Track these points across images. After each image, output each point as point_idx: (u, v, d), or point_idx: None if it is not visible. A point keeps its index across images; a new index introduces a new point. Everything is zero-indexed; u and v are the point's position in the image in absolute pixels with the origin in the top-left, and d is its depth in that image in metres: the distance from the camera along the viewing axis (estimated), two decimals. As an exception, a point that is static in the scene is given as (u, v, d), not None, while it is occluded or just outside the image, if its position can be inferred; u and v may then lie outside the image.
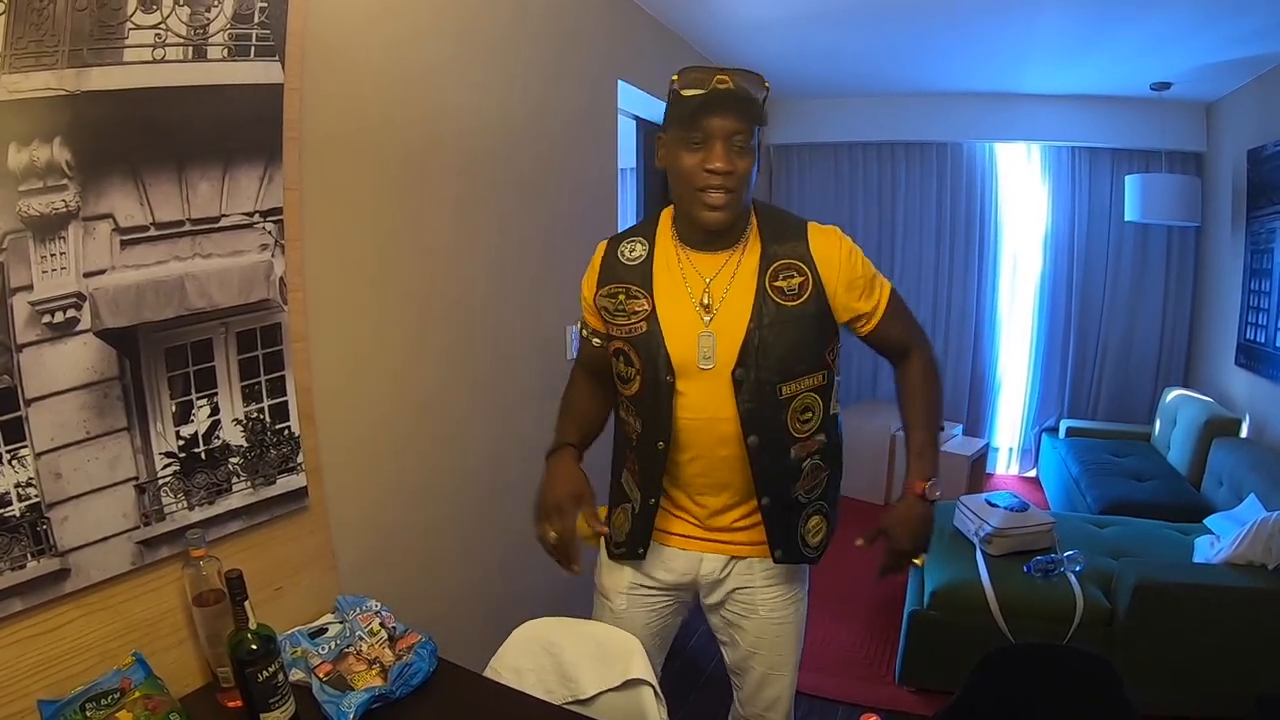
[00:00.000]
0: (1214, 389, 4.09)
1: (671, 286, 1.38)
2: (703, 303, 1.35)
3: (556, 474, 1.41)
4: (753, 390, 1.33)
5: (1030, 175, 4.76)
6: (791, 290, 1.34)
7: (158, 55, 1.18)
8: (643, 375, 1.38)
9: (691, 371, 1.35)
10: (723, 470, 1.40)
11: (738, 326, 1.33)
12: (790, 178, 5.16)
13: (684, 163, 1.28)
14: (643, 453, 1.44)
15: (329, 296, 1.57)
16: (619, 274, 1.41)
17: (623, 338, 1.40)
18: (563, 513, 1.35)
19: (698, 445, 1.39)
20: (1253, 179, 3.63)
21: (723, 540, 1.48)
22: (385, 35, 1.66)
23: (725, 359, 1.34)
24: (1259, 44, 3.16)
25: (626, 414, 1.47)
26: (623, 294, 1.40)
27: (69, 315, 1.12)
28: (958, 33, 3.34)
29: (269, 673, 1.15)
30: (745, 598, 1.51)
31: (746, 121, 1.27)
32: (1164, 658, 2.34)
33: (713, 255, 1.37)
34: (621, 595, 1.54)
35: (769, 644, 1.54)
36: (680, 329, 1.35)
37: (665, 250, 1.41)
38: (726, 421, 1.36)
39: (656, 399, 1.37)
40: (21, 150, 1.04)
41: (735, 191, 1.28)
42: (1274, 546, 2.31)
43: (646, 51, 3.07)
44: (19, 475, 1.07)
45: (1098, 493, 3.47)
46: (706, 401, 1.36)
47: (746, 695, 1.61)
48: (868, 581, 3.42)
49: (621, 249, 1.43)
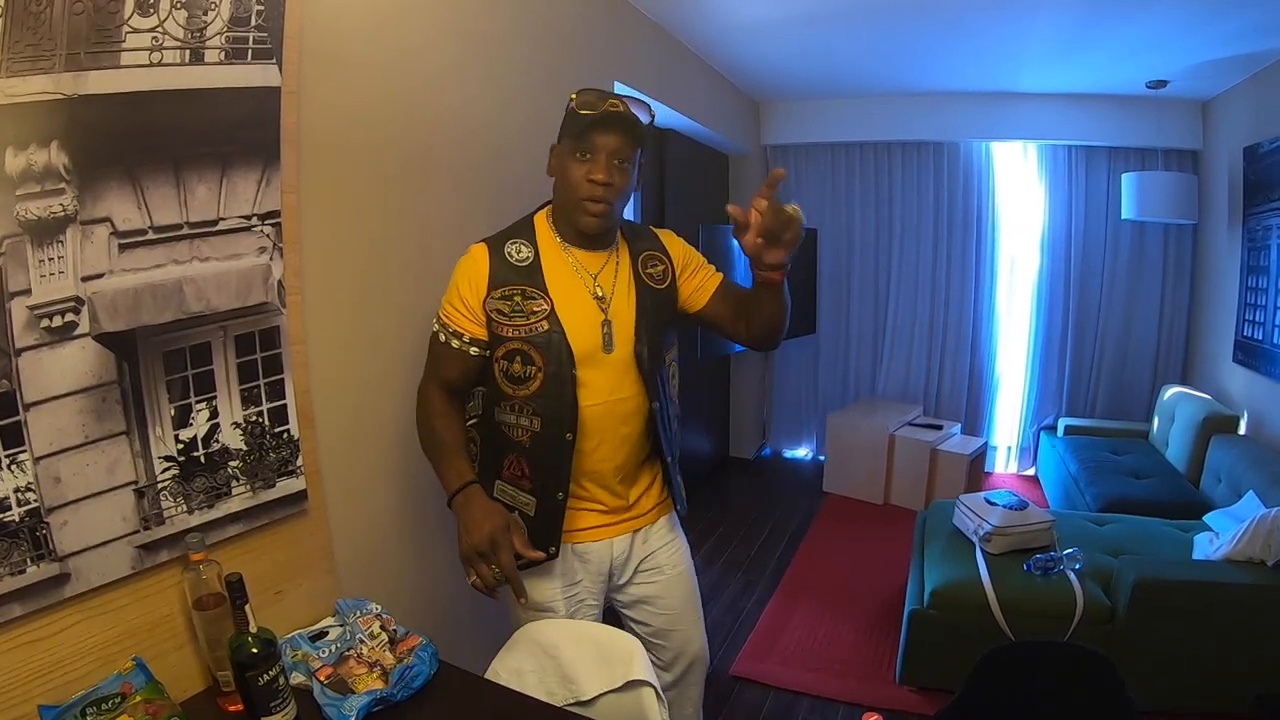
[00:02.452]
0: (1212, 386, 4.09)
1: (568, 283, 1.49)
2: (596, 294, 1.50)
3: (476, 514, 1.39)
4: (651, 363, 1.52)
5: (1027, 174, 4.77)
6: (658, 276, 1.58)
7: (155, 58, 1.18)
8: (545, 372, 1.45)
9: (594, 359, 1.47)
10: (624, 449, 1.54)
11: (629, 311, 1.51)
12: (787, 179, 5.15)
13: (572, 172, 1.43)
14: (542, 450, 1.49)
15: (327, 299, 1.57)
16: (510, 276, 1.47)
17: (520, 338, 1.45)
18: (499, 548, 1.35)
19: (601, 431, 1.50)
20: (1249, 176, 3.64)
21: (629, 518, 1.61)
22: (382, 38, 1.66)
23: (623, 341, 1.50)
24: (1254, 41, 3.17)
25: (516, 416, 1.49)
26: (519, 295, 1.46)
27: (67, 319, 1.12)
28: (953, 32, 3.35)
29: (270, 676, 1.15)
30: (651, 563, 1.65)
31: (630, 142, 1.43)
32: (1163, 654, 2.34)
33: (596, 254, 1.53)
34: (560, 602, 1.57)
35: (682, 598, 1.69)
36: (582, 321, 1.47)
37: (550, 250, 1.51)
38: (629, 399, 1.51)
39: (561, 393, 1.45)
40: (19, 154, 1.04)
41: (612, 203, 1.45)
42: (1273, 543, 2.31)
43: (644, 54, 3.07)
44: (18, 480, 1.07)
45: (1096, 490, 3.48)
46: (611, 384, 1.49)
47: (670, 658, 1.69)
48: (868, 582, 3.44)
49: (508, 250, 1.49)
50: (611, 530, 1.59)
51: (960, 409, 5.00)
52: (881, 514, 4.34)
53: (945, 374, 5.05)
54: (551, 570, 1.55)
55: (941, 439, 4.41)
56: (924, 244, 4.95)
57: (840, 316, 5.18)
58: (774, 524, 4.17)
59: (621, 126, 1.41)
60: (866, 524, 4.18)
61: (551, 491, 1.50)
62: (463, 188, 1.96)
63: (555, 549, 1.52)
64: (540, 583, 1.55)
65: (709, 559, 3.72)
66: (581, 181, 1.42)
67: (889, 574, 3.44)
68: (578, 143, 1.41)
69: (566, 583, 1.57)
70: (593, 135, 1.40)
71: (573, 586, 1.58)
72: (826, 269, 5.05)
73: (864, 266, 5.08)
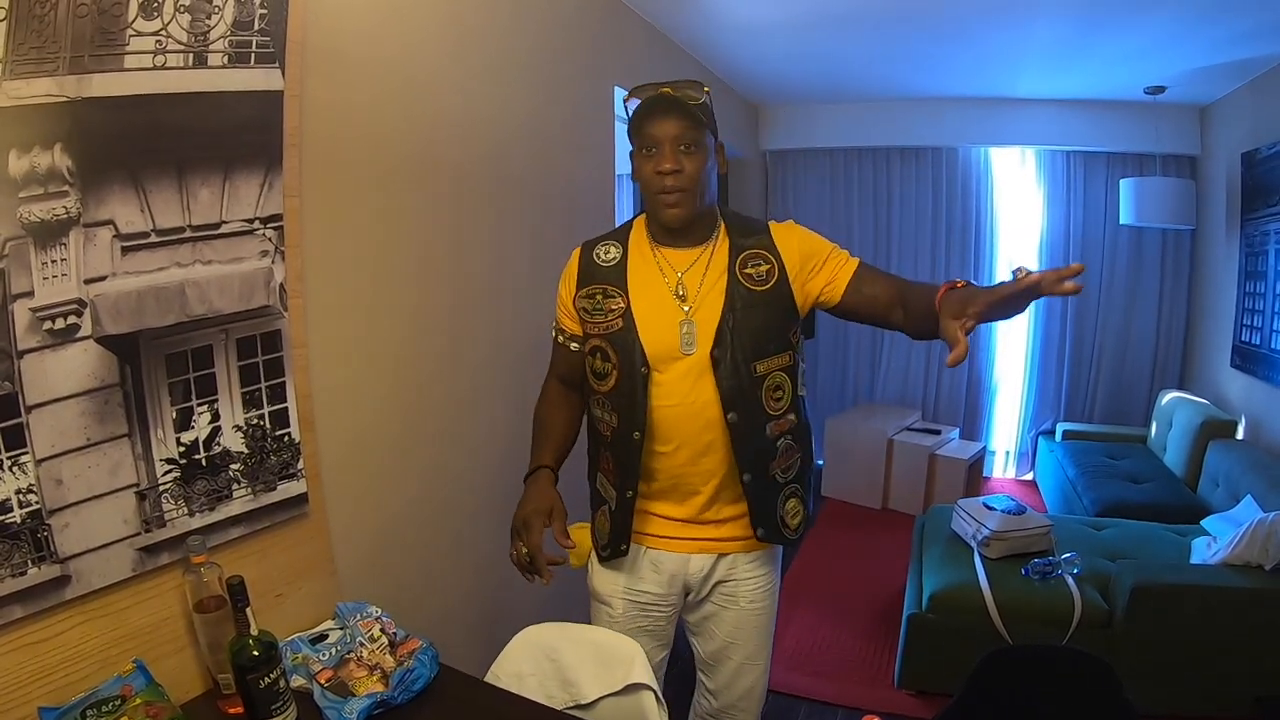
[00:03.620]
0: (1210, 391, 4.10)
1: (648, 281, 1.46)
2: (678, 293, 1.45)
3: (528, 495, 1.47)
4: (730, 368, 1.41)
5: (1025, 179, 4.79)
6: (760, 276, 1.44)
7: (158, 62, 1.18)
8: (619, 369, 1.44)
9: (671, 358, 1.43)
10: (706, 456, 1.46)
11: (714, 311, 1.42)
12: (786, 183, 5.18)
13: (642, 170, 1.40)
14: (619, 447, 1.48)
15: (329, 303, 1.57)
16: (595, 275, 1.49)
17: (600, 335, 1.47)
18: (529, 529, 1.40)
19: (680, 434, 1.45)
20: (1247, 182, 3.65)
21: (710, 537, 1.52)
22: (384, 43, 1.67)
23: (704, 343, 1.42)
24: (1252, 47, 3.18)
25: (602, 411, 1.51)
26: (600, 294, 1.47)
27: (70, 322, 1.12)
28: (953, 38, 3.36)
29: (270, 679, 1.15)
30: (729, 589, 1.56)
31: (689, 123, 1.36)
32: (1162, 658, 2.34)
33: (685, 251, 1.47)
34: (618, 600, 1.57)
35: (747, 634, 1.59)
36: (660, 319, 1.43)
37: (640, 250, 1.50)
38: (708, 404, 1.42)
39: (633, 390, 1.43)
40: (22, 156, 1.04)
41: (687, 190, 1.38)
42: (1270, 547, 2.32)
43: (642, 57, 3.08)
44: (20, 482, 1.07)
45: (1094, 495, 3.48)
46: (688, 386, 1.43)
47: (720, 685, 1.63)
48: (866, 586, 3.44)
49: (597, 252, 1.52)
50: (689, 545, 1.52)
51: (959, 414, 5.01)
52: (880, 518, 4.34)
53: (944, 379, 5.05)
54: (620, 566, 1.55)
55: (940, 444, 4.42)
56: (923, 249, 4.96)
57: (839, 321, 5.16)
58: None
59: (677, 110, 1.35)
60: (865, 528, 4.18)
61: (625, 488, 1.49)
62: (464, 191, 1.96)
63: (626, 546, 1.51)
64: (607, 574, 1.57)
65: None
66: (651, 176, 1.38)
67: (887, 578, 3.44)
68: (640, 139, 1.39)
69: (632, 583, 1.56)
70: (650, 127, 1.36)
71: (637, 589, 1.56)
72: (825, 273, 5.04)
73: (863, 271, 5.07)
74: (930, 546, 2.87)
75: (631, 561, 1.55)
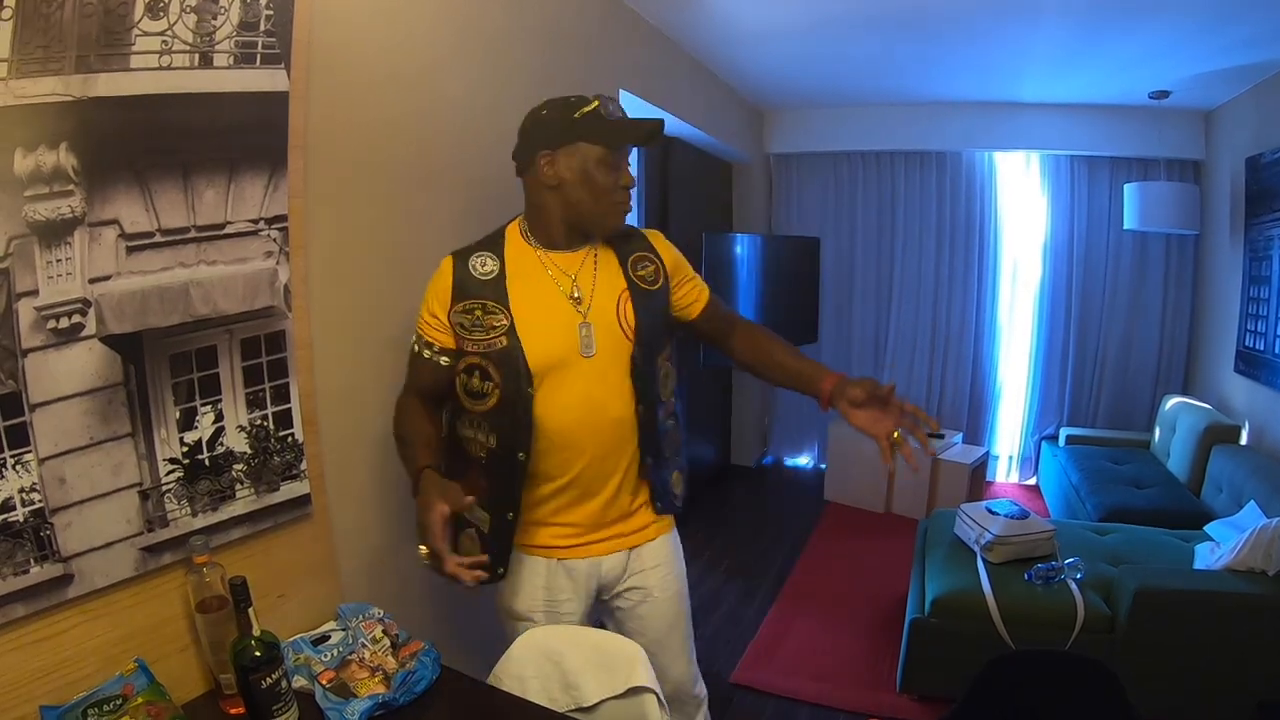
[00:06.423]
0: (1213, 396, 4.09)
1: (537, 289, 1.45)
2: (573, 295, 1.45)
3: (421, 499, 1.32)
4: (643, 365, 1.47)
5: (1029, 184, 4.78)
6: (650, 277, 1.53)
7: (164, 62, 1.18)
8: (501, 389, 1.41)
9: (569, 365, 1.42)
10: (611, 454, 1.49)
11: (608, 314, 1.46)
12: (789, 187, 5.18)
13: (601, 180, 1.42)
14: (497, 468, 1.45)
15: (333, 304, 1.57)
16: (470, 290, 1.43)
17: (479, 353, 1.42)
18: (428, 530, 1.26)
19: (583, 439, 1.45)
20: (1251, 186, 3.64)
21: (619, 533, 1.55)
22: (391, 46, 1.67)
23: (605, 344, 1.44)
24: (1256, 52, 3.18)
25: (475, 431, 1.47)
26: (479, 309, 1.42)
27: (74, 321, 1.12)
28: (957, 43, 3.36)
29: (272, 680, 1.15)
30: (639, 582, 1.59)
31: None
32: (1164, 664, 2.33)
33: (575, 254, 1.49)
34: (540, 613, 1.55)
35: (666, 623, 1.63)
36: (555, 326, 1.43)
37: (522, 259, 1.47)
38: (613, 402, 1.46)
39: (515, 411, 1.41)
40: (28, 155, 1.04)
41: None
42: (1274, 553, 2.31)
43: (647, 61, 3.08)
44: (23, 480, 1.07)
45: (1098, 500, 3.47)
46: (588, 390, 1.44)
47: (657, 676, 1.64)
48: (868, 590, 3.43)
49: (472, 264, 1.46)
50: (599, 547, 1.54)
51: (962, 418, 5.00)
52: (882, 523, 4.33)
53: (947, 383, 5.05)
54: (534, 582, 1.54)
55: (943, 448, 4.41)
56: (926, 253, 4.95)
57: (842, 325, 5.18)
58: (775, 532, 4.16)
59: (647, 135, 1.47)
60: (867, 533, 4.18)
61: (502, 510, 1.46)
62: (469, 194, 1.96)
63: (503, 570, 1.50)
64: (524, 592, 1.54)
65: (709, 566, 3.71)
66: (614, 187, 1.43)
67: (890, 582, 3.43)
68: (611, 152, 1.42)
69: (551, 595, 1.54)
70: (624, 143, 1.44)
71: (555, 600, 1.55)
72: (829, 278, 5.05)
73: (866, 276, 5.08)
74: (933, 551, 2.86)
75: (547, 575, 1.54)
